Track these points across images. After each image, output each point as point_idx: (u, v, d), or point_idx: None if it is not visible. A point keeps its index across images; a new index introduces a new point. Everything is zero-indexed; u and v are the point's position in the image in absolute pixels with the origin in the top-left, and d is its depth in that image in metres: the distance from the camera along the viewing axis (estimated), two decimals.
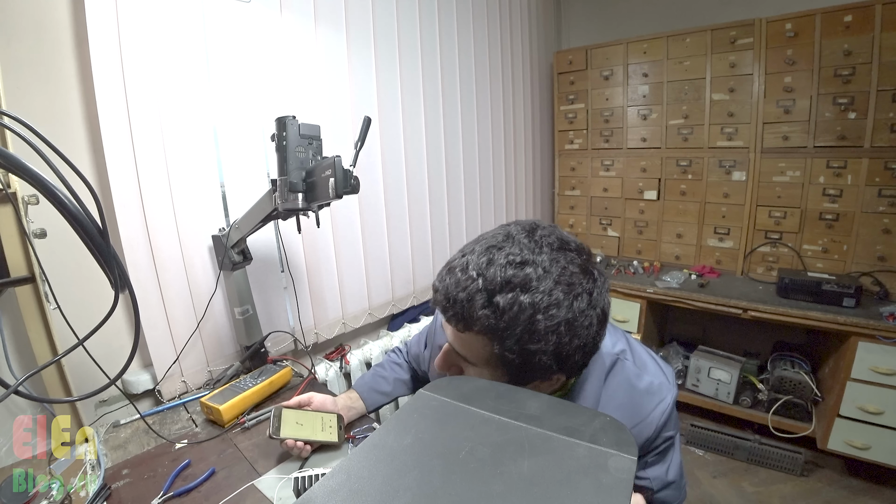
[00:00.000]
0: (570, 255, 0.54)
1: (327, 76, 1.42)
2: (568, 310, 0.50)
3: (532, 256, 0.52)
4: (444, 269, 0.57)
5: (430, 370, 0.94)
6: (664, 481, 0.72)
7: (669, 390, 0.69)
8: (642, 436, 0.67)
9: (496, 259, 0.52)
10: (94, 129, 1.01)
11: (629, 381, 0.69)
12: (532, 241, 0.54)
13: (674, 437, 0.72)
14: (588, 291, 0.52)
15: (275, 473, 0.85)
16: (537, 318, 0.50)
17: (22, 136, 0.51)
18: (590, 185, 2.54)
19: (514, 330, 0.50)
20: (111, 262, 0.58)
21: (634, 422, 0.67)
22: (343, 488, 0.35)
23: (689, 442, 2.05)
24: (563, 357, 0.53)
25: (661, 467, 0.72)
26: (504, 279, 0.51)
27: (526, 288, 0.50)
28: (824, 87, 1.81)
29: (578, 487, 0.35)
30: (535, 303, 0.50)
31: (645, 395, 0.68)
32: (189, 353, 1.20)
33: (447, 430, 0.42)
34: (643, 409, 0.67)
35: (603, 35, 2.54)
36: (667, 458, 0.72)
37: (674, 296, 2.00)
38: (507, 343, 0.51)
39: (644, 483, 0.72)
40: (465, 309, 0.52)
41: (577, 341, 0.52)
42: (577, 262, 0.54)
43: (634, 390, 0.68)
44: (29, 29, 0.93)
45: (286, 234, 1.34)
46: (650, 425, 0.67)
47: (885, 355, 1.57)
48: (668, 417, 0.68)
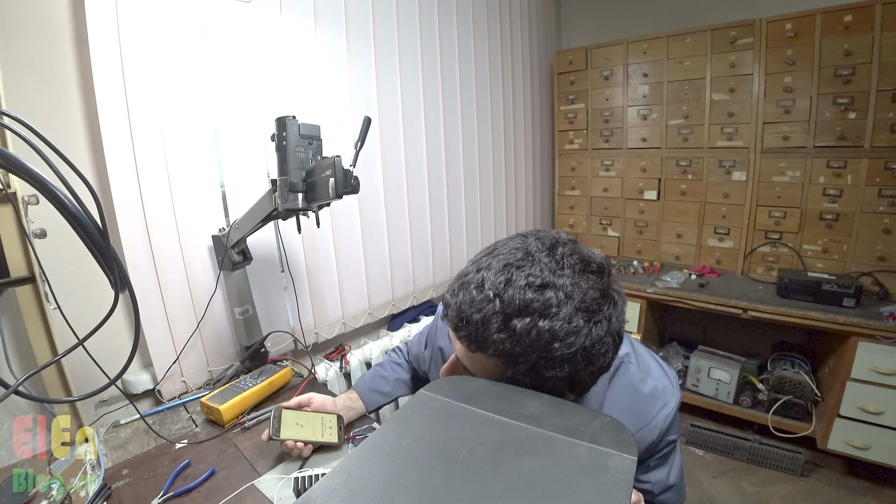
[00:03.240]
0: (592, 278, 0.50)
1: (327, 76, 1.42)
2: (587, 338, 0.48)
3: (553, 279, 0.48)
4: (457, 283, 0.53)
5: (430, 371, 0.94)
6: (665, 485, 0.72)
7: (673, 394, 0.68)
8: (646, 440, 0.67)
9: (515, 280, 0.49)
10: (94, 129, 1.01)
11: (633, 385, 0.68)
12: (553, 260, 0.50)
13: (676, 441, 0.72)
14: (608, 318, 0.50)
15: (275, 473, 0.85)
16: (554, 345, 0.47)
17: (22, 136, 0.51)
18: (590, 185, 2.54)
19: (530, 356, 0.48)
20: (111, 262, 0.58)
21: (638, 426, 0.66)
22: (343, 488, 0.35)
23: (689, 442, 2.05)
24: (576, 382, 0.51)
25: (663, 471, 0.72)
26: (523, 303, 0.47)
27: (545, 314, 0.47)
28: (824, 87, 1.81)
29: (578, 487, 0.35)
30: (553, 330, 0.47)
31: (649, 400, 0.68)
32: (189, 353, 1.20)
33: (447, 430, 0.42)
34: (647, 413, 0.67)
35: (603, 35, 2.54)
36: (668, 462, 0.72)
37: (674, 296, 2.00)
38: (520, 367, 0.49)
39: (646, 487, 0.72)
40: (479, 331, 0.49)
41: (592, 368, 0.50)
42: (599, 286, 0.50)
43: (639, 394, 0.68)
44: (29, 29, 0.93)
45: (286, 234, 1.34)
46: (654, 430, 0.67)
47: (885, 355, 1.57)
48: (671, 422, 0.67)
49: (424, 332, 1.02)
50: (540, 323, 0.47)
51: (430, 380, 0.93)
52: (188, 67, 1.12)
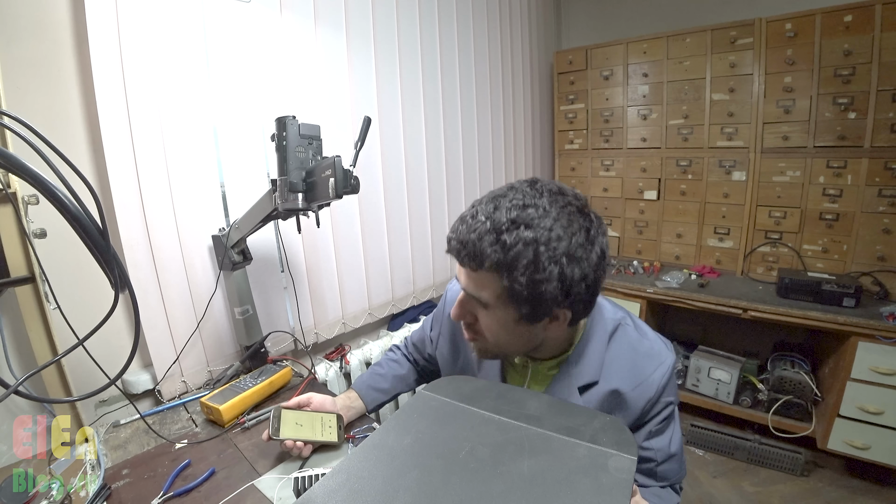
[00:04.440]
0: (568, 198, 0.61)
1: (327, 76, 1.42)
2: (567, 243, 0.57)
3: (533, 201, 0.59)
4: (457, 221, 0.63)
5: (437, 349, 0.96)
6: (668, 453, 0.74)
7: (669, 355, 0.73)
8: (644, 396, 0.71)
9: (502, 204, 0.59)
10: (94, 129, 1.01)
11: (631, 344, 0.73)
12: (534, 189, 0.61)
13: (674, 406, 0.75)
14: (585, 228, 0.59)
15: (275, 473, 0.85)
16: (540, 249, 0.56)
17: (22, 136, 0.51)
18: (590, 185, 2.54)
19: (521, 262, 0.56)
20: (111, 262, 0.58)
21: (636, 382, 0.71)
22: (343, 488, 0.35)
23: (689, 442, 2.05)
24: (567, 287, 0.58)
25: (664, 438, 0.74)
26: (509, 220, 0.57)
27: (529, 225, 0.57)
28: (824, 87, 1.80)
29: (578, 487, 0.35)
30: (537, 238, 0.56)
31: (646, 358, 0.72)
32: (189, 353, 1.20)
33: (447, 430, 0.42)
34: (644, 370, 0.71)
35: (603, 35, 2.54)
36: (669, 429, 0.75)
37: (674, 296, 2.00)
38: (515, 275, 0.57)
39: (648, 454, 0.74)
40: (476, 248, 0.58)
41: (579, 271, 0.58)
42: (575, 204, 0.61)
43: (636, 353, 0.73)
44: (29, 29, 0.93)
45: (286, 234, 1.34)
46: (651, 386, 0.70)
47: (885, 355, 1.57)
48: (668, 380, 0.72)
49: (430, 318, 1.04)
50: (525, 233, 0.56)
51: (438, 358, 0.95)
52: (188, 67, 1.12)
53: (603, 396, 0.72)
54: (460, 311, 0.69)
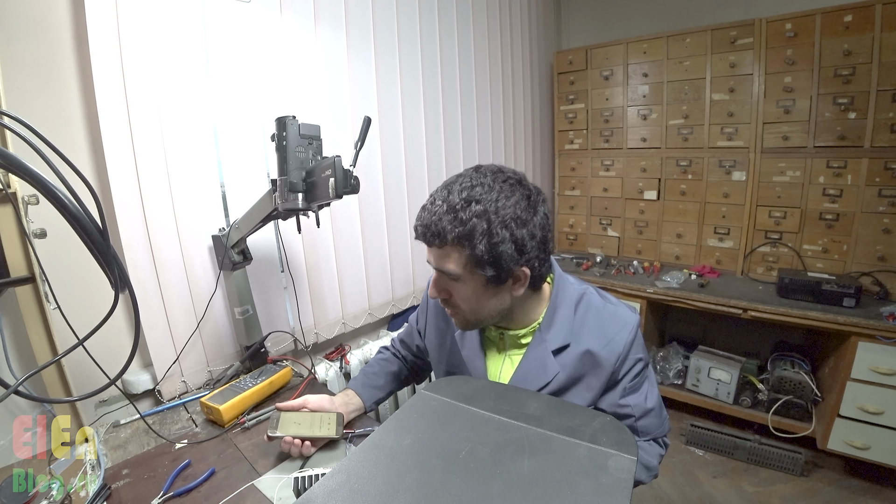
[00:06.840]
0: (507, 174, 0.72)
1: (327, 76, 1.42)
2: (513, 210, 0.68)
3: (479, 180, 0.70)
4: (420, 210, 0.73)
5: (426, 337, 1.03)
6: (644, 408, 0.82)
7: (633, 316, 0.82)
8: (614, 353, 0.78)
9: (454, 189, 0.70)
10: (94, 129, 1.01)
11: (596, 308, 0.82)
12: (479, 173, 0.72)
13: (645, 364, 0.83)
14: (526, 196, 0.70)
15: (275, 473, 0.85)
16: (491, 218, 0.67)
17: (22, 136, 0.51)
18: (590, 185, 2.54)
19: (477, 231, 0.67)
20: (111, 262, 0.58)
21: (605, 341, 0.79)
22: (343, 488, 0.35)
23: (689, 442, 2.05)
24: (521, 246, 0.69)
25: (640, 395, 0.82)
26: (462, 199, 0.68)
27: (478, 201, 0.68)
28: (824, 87, 1.80)
29: (578, 487, 0.35)
30: (486, 209, 0.67)
31: (612, 319, 0.81)
32: (189, 353, 1.20)
33: (447, 430, 0.42)
34: (611, 330, 0.79)
35: (603, 35, 2.54)
36: (643, 386, 0.83)
37: (674, 296, 2.00)
38: (474, 243, 0.67)
39: (626, 410, 0.81)
40: (437, 227, 0.69)
41: (527, 232, 0.69)
42: (514, 178, 0.72)
43: (601, 316, 0.81)
44: (29, 29, 0.93)
45: (286, 234, 1.34)
46: (619, 343, 0.79)
47: (885, 355, 1.57)
48: (634, 337, 0.80)
49: (414, 314, 1.12)
50: (476, 207, 0.67)
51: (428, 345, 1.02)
52: (188, 67, 1.12)
53: (577, 357, 0.79)
54: (436, 289, 0.79)
